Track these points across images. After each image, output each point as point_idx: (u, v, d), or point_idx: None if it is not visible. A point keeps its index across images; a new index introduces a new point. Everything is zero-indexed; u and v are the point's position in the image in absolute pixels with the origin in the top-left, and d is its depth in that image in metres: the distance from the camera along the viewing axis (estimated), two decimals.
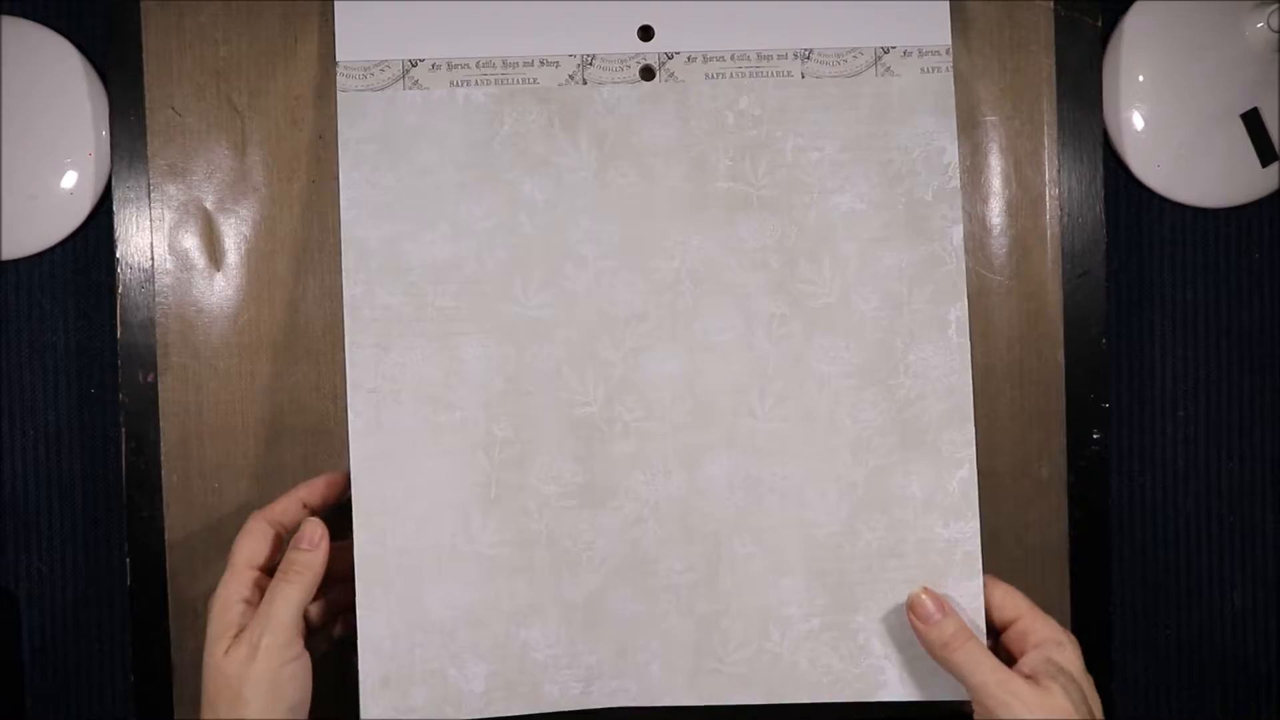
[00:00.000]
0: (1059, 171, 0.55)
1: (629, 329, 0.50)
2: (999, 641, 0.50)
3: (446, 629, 0.49)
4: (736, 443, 0.50)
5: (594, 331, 0.50)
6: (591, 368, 0.50)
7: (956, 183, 0.51)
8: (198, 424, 0.53)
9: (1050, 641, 0.47)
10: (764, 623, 0.50)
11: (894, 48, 0.52)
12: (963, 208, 0.53)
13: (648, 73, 0.51)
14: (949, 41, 0.52)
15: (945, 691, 0.49)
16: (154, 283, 0.53)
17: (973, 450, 0.50)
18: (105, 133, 0.55)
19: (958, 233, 0.51)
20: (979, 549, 0.50)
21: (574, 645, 0.49)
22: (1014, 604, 0.49)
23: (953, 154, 0.51)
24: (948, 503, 0.50)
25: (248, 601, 0.47)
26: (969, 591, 0.50)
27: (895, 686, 0.50)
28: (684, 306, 0.50)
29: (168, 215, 0.53)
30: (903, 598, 0.50)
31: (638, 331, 0.50)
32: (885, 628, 0.50)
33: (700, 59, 0.51)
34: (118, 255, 0.53)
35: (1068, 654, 0.47)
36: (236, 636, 0.46)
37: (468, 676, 0.49)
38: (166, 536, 0.53)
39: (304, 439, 0.53)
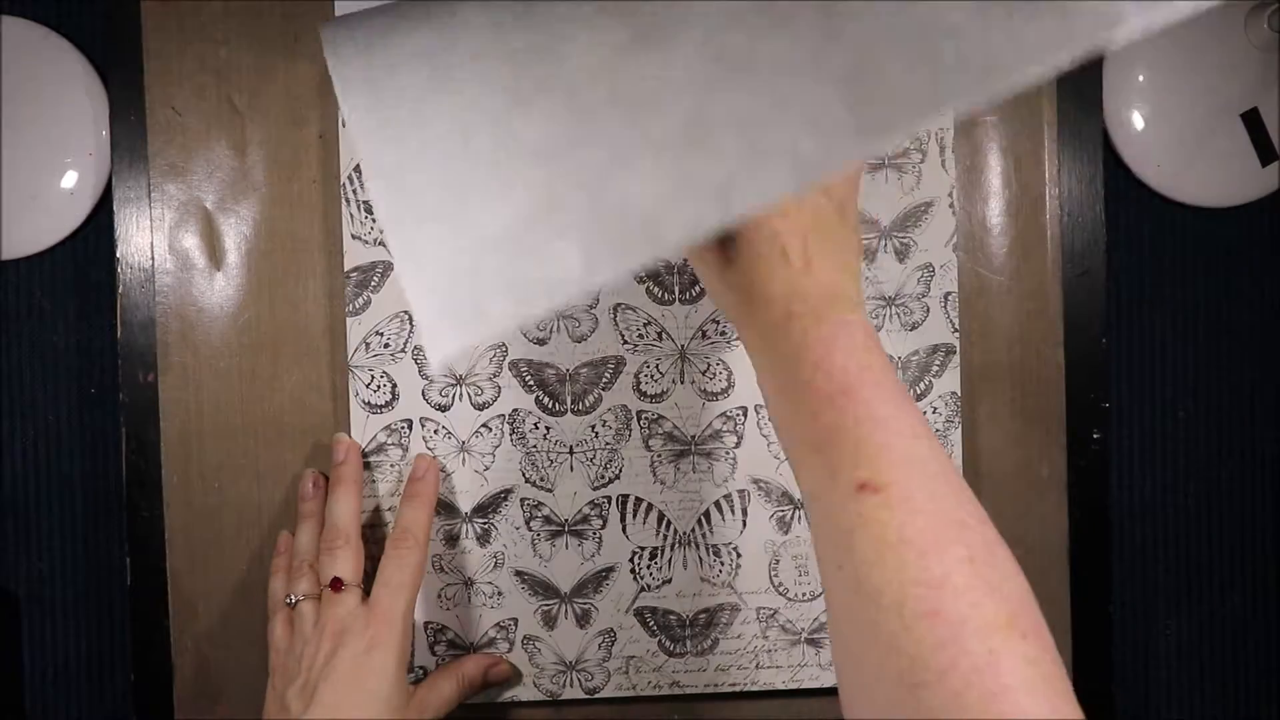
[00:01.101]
0: (1059, 171, 0.55)
1: None
2: None
3: (505, 232, 0.33)
4: None
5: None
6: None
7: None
8: (198, 424, 0.53)
9: None
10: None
11: None
12: (962, 207, 0.53)
13: None
14: None
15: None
16: (154, 283, 0.53)
17: None
18: (105, 133, 0.55)
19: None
20: None
21: (685, 170, 0.32)
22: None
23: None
24: None
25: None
26: None
27: None
28: None
29: (168, 215, 0.53)
30: None
31: None
32: None
33: None
34: (118, 255, 0.53)
35: None
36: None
37: (550, 257, 0.32)
38: (166, 536, 0.53)
39: (304, 439, 0.53)
